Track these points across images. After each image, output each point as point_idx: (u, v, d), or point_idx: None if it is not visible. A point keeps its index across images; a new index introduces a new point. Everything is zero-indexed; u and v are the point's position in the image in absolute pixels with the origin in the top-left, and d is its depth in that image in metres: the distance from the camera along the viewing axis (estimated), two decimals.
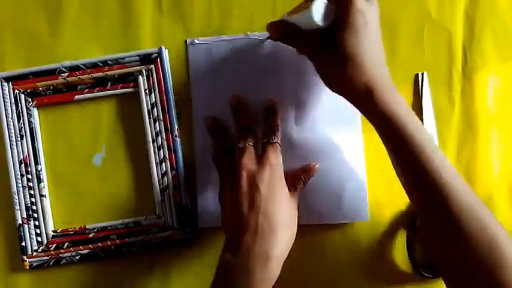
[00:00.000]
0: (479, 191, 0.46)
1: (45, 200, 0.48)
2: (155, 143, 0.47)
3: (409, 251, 0.46)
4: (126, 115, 0.48)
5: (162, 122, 0.47)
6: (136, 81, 0.47)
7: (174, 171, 0.47)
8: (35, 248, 0.47)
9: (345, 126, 0.46)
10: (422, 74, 0.47)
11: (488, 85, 0.47)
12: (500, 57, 0.47)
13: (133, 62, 0.47)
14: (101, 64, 0.47)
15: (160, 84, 0.47)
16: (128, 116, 0.48)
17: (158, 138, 0.47)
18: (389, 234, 0.47)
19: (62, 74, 0.47)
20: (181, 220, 0.46)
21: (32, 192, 0.47)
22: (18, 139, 0.47)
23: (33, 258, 0.47)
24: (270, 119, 0.44)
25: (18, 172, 0.47)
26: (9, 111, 0.47)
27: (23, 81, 0.47)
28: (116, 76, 0.47)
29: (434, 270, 0.45)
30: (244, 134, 0.43)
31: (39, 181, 0.47)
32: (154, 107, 0.47)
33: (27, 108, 0.47)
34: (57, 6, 0.48)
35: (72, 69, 0.47)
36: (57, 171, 0.48)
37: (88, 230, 0.47)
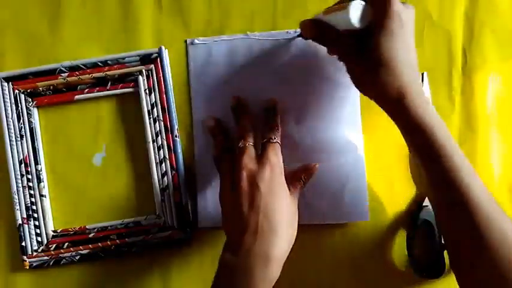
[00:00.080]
0: None
1: (45, 200, 0.48)
2: (155, 143, 0.47)
3: (409, 251, 0.46)
4: (126, 115, 0.48)
5: (162, 122, 0.47)
6: (136, 81, 0.47)
7: (174, 171, 0.47)
8: (35, 248, 0.47)
9: (345, 126, 0.46)
10: (423, 74, 0.47)
11: (488, 85, 0.47)
12: (500, 57, 0.47)
13: (134, 62, 0.47)
14: (101, 64, 0.47)
15: (160, 84, 0.47)
16: (128, 116, 0.48)
17: (158, 138, 0.47)
18: (389, 234, 0.47)
19: (62, 74, 0.47)
20: (181, 220, 0.46)
21: (32, 192, 0.47)
22: (18, 139, 0.47)
23: (33, 258, 0.47)
24: (271, 118, 0.44)
25: (18, 172, 0.47)
26: (9, 111, 0.47)
27: (23, 81, 0.47)
28: (116, 76, 0.47)
29: (434, 270, 0.45)
30: (244, 134, 0.43)
31: (39, 181, 0.47)
32: (154, 107, 0.47)
33: (27, 108, 0.47)
34: (57, 6, 0.48)
35: (72, 69, 0.47)
36: (57, 171, 0.48)
37: (88, 230, 0.47)
